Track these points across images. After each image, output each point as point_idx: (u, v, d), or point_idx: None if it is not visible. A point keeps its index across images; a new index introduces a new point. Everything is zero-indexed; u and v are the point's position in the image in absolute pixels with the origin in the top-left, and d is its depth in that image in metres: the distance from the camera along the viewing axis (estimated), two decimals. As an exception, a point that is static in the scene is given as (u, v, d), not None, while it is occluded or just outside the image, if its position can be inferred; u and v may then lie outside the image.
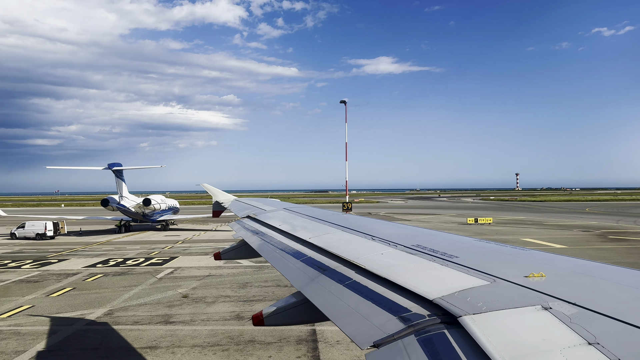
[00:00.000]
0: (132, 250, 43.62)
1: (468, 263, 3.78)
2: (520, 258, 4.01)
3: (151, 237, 54.57)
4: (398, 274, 3.79)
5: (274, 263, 5.73)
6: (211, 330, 18.54)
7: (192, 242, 48.86)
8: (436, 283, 3.41)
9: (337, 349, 16.18)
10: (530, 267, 3.43)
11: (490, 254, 4.20)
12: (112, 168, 59.73)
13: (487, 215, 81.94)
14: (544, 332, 2.36)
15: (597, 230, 56.59)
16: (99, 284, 27.75)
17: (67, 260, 37.51)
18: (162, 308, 22.09)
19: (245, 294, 24.70)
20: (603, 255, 37.28)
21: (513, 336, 2.39)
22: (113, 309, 21.99)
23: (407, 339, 2.71)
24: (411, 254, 4.41)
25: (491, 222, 67.93)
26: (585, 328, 2.31)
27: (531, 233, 53.94)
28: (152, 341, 17.36)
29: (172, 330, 18.63)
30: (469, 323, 2.56)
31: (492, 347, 2.28)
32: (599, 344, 2.15)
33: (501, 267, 3.58)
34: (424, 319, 2.86)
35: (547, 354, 2.16)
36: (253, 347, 16.46)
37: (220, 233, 58.40)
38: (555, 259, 3.91)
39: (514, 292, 2.97)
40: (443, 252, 4.28)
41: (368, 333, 2.98)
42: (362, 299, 3.59)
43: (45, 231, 52.56)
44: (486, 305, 2.77)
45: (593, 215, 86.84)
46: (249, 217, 9.77)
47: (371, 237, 5.50)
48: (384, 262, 4.26)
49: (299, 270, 4.99)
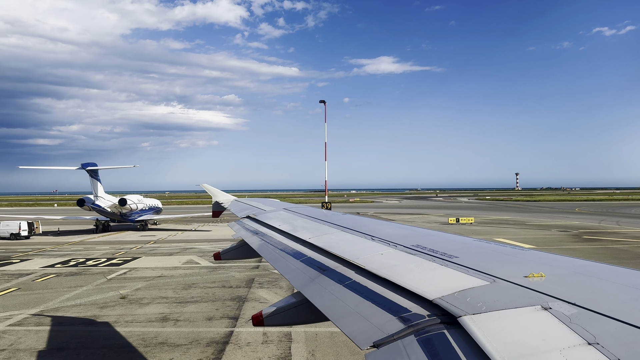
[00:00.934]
0: (100, 250, 43.37)
1: (468, 263, 3.78)
2: (519, 258, 4.01)
3: (126, 237, 54.31)
4: (398, 274, 3.79)
5: (274, 263, 5.73)
6: (128, 332, 18.44)
7: (164, 243, 48.66)
8: (436, 283, 3.40)
9: (244, 350, 16.12)
10: (530, 267, 3.43)
11: (490, 254, 4.20)
12: (86, 168, 59.47)
13: (476, 215, 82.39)
14: (543, 332, 2.36)
15: (575, 231, 56.71)
16: (45, 285, 27.63)
17: (29, 260, 37.37)
18: (94, 309, 21.94)
19: (185, 295, 24.62)
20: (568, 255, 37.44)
21: (513, 336, 2.38)
22: (45, 310, 21.84)
23: (406, 339, 2.71)
24: (411, 254, 4.41)
25: (472, 222, 68.10)
26: (585, 328, 2.31)
27: (507, 233, 54.00)
28: (64, 342, 17.27)
29: (90, 332, 18.55)
30: (469, 323, 2.56)
31: (492, 347, 2.28)
32: (599, 344, 2.15)
33: (501, 267, 3.58)
34: (423, 319, 2.86)
35: (547, 354, 2.16)
36: (160, 349, 16.40)
37: (197, 233, 58.29)
38: (555, 259, 3.91)
39: (513, 292, 2.97)
40: (443, 252, 4.28)
41: (368, 333, 2.98)
42: (361, 299, 3.59)
43: (19, 231, 52.43)
44: (486, 306, 2.76)
45: (581, 215, 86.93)
46: (248, 217, 9.77)
47: (371, 237, 5.49)
48: (384, 262, 4.26)
49: (298, 271, 4.99)
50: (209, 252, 40.15)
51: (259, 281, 27.51)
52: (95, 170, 60.19)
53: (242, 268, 31.55)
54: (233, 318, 20.08)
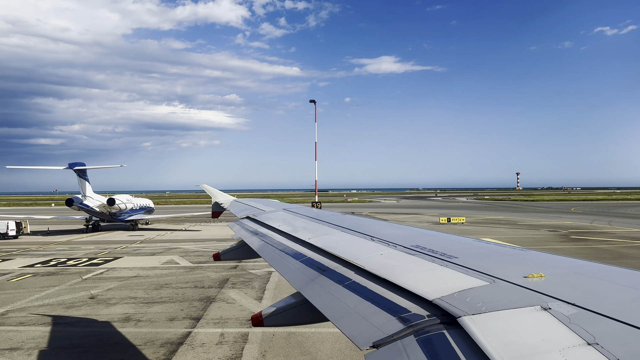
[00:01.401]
0: (85, 250, 43.08)
1: (467, 263, 3.78)
2: (519, 258, 4.01)
3: (114, 237, 54.11)
4: (397, 274, 3.79)
5: (273, 263, 5.72)
6: (87, 332, 18.30)
7: (150, 242, 48.32)
8: (435, 283, 3.40)
9: (196, 351, 16.02)
10: (530, 268, 3.43)
11: (490, 255, 4.20)
12: (74, 168, 59.70)
13: (471, 214, 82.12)
14: (543, 332, 2.36)
15: (565, 230, 56.44)
16: (19, 285, 27.50)
17: (10, 260, 37.13)
18: (60, 309, 21.77)
19: (154, 295, 24.42)
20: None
21: (512, 336, 2.38)
22: (10, 310, 21.69)
23: (406, 340, 2.70)
24: (410, 255, 4.41)
25: (464, 222, 67.68)
26: (585, 328, 2.31)
27: (496, 233, 53.84)
28: (19, 342, 17.19)
29: (47, 332, 18.44)
30: (469, 323, 2.56)
31: (491, 348, 2.28)
32: (598, 345, 2.15)
33: (500, 268, 3.58)
34: (423, 320, 2.86)
35: (546, 354, 2.16)
36: (113, 350, 16.32)
37: (186, 233, 58.14)
38: (555, 259, 3.91)
39: (513, 293, 2.97)
40: (442, 252, 4.28)
41: (367, 333, 2.98)
42: (361, 299, 3.59)
43: (7, 230, 52.41)
44: (485, 306, 2.76)
45: (575, 215, 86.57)
46: (248, 217, 9.77)
47: (370, 238, 5.49)
48: (384, 262, 4.26)
49: (298, 271, 4.99)
50: (192, 252, 40.17)
51: (232, 281, 27.25)
52: (84, 170, 60.32)
53: (220, 268, 31.40)
54: (195, 319, 19.93)
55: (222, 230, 58.86)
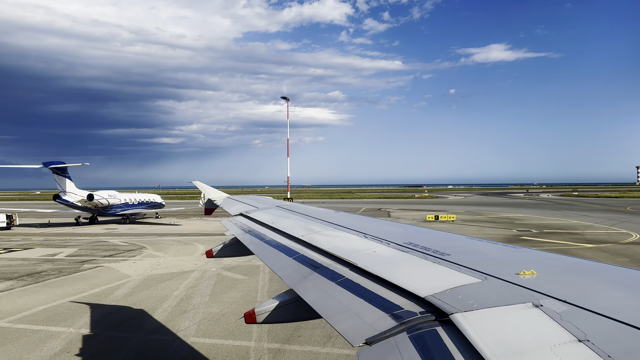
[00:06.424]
0: (32, 240, 46.27)
1: (460, 261, 3.79)
2: (511, 256, 4.02)
3: (89, 230, 57.25)
4: (390, 271, 3.79)
5: (266, 261, 5.71)
6: None
7: (111, 235, 50.77)
8: (428, 280, 3.41)
9: None
10: (522, 265, 3.45)
11: (482, 252, 4.22)
12: (49, 166, 62.56)
13: (467, 212, 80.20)
14: (534, 329, 2.37)
15: (536, 230, 52.50)
16: None
17: None
18: None
19: (32, 281, 26.45)
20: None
21: (504, 333, 2.39)
22: None
23: (399, 336, 2.71)
24: (403, 252, 4.42)
25: (454, 220, 64.70)
26: (576, 325, 2.32)
27: (471, 233, 51.61)
28: None
29: None
30: (461, 320, 2.57)
31: (483, 344, 2.28)
32: (589, 341, 2.16)
33: (492, 265, 3.60)
34: (415, 317, 2.86)
35: (537, 351, 2.17)
36: None
37: (164, 227, 59.70)
38: (547, 256, 3.93)
39: (505, 290, 2.98)
40: (435, 249, 4.29)
41: (360, 330, 2.98)
42: (354, 296, 3.59)
43: None
44: (477, 303, 2.78)
45: (593, 212, 79.90)
46: (241, 214, 9.74)
47: (364, 235, 5.49)
48: (377, 259, 4.26)
49: (291, 268, 4.98)
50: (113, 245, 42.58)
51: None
52: (63, 167, 62.98)
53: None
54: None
55: (207, 225, 60.76)
